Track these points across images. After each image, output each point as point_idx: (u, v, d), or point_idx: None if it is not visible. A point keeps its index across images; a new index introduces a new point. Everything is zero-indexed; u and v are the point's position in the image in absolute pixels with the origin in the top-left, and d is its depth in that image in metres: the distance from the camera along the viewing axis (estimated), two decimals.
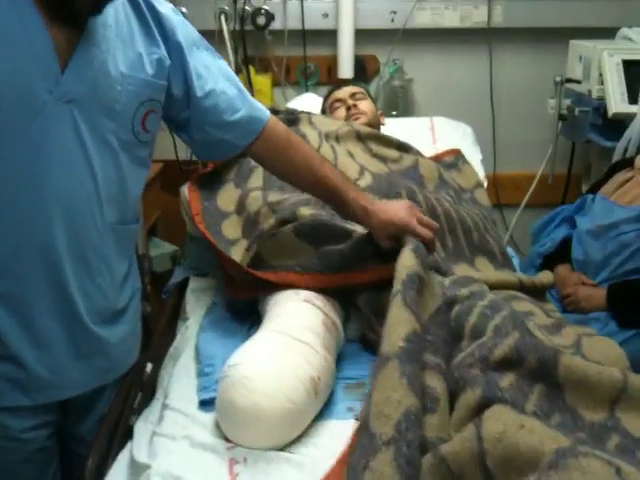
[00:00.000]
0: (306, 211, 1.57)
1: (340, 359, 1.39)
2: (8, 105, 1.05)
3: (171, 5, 1.29)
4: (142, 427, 1.25)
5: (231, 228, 1.76)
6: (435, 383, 1.15)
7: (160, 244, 2.57)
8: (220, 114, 1.33)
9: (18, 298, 1.16)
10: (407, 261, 1.27)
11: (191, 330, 1.55)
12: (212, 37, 2.57)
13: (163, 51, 1.23)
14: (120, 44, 1.17)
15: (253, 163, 1.89)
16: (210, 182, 1.91)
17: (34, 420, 1.26)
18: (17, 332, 1.18)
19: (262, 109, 1.41)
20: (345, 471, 1.03)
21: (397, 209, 1.40)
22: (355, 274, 1.44)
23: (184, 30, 1.28)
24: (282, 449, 1.14)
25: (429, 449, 1.04)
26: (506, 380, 1.13)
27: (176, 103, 1.29)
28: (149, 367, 1.46)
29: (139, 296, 1.42)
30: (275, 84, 2.72)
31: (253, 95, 2.56)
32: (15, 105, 1.05)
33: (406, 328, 1.14)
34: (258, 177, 1.84)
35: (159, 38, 1.23)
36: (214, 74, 1.32)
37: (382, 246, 1.41)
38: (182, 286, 1.82)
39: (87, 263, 1.21)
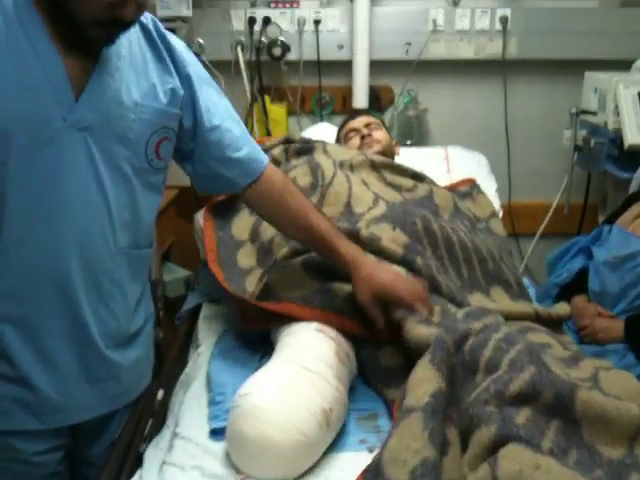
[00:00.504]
0: None
1: (353, 390, 1.37)
2: (22, 131, 1.07)
3: (183, 43, 1.32)
4: (152, 455, 1.24)
5: (245, 257, 1.76)
6: (447, 430, 1.14)
7: (174, 269, 2.57)
8: (223, 149, 1.34)
9: (29, 321, 1.17)
10: (424, 330, 1.28)
11: (203, 357, 1.54)
12: (228, 67, 2.61)
13: (176, 81, 1.26)
14: (134, 74, 1.19)
15: None
16: (224, 210, 1.91)
17: (46, 444, 1.26)
18: (28, 355, 1.18)
19: (262, 153, 1.43)
20: None
21: (386, 270, 1.43)
22: (351, 322, 1.43)
23: (194, 66, 1.30)
24: None
25: None
26: (522, 415, 1.11)
27: (184, 134, 1.31)
28: (160, 394, 1.44)
29: (152, 321, 1.43)
30: (290, 113, 2.74)
31: (268, 124, 2.66)
32: (29, 131, 1.07)
33: (432, 386, 1.14)
34: None
35: (172, 69, 1.26)
36: (221, 112, 1.34)
37: (358, 300, 1.39)
38: (194, 312, 1.82)
39: (100, 288, 1.22)
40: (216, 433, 1.25)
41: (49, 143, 1.09)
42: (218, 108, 1.34)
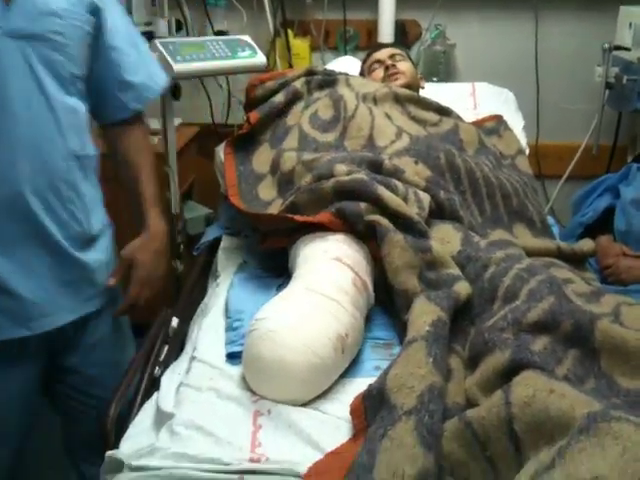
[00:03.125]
0: (342, 168, 1.53)
1: (369, 320, 1.37)
2: None
3: None
4: (169, 378, 1.25)
5: (266, 190, 1.75)
6: (450, 360, 1.14)
7: (195, 207, 2.57)
8: (120, 71, 1.39)
9: None
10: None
11: (221, 287, 1.55)
12: (251, 0, 2.55)
13: None
14: None
15: (289, 124, 1.87)
16: (245, 144, 1.89)
17: (12, 356, 1.30)
18: (2, 263, 1.23)
19: (159, 83, 1.48)
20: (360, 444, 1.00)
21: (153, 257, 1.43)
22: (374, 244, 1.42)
23: None
24: (307, 404, 1.13)
25: (446, 415, 1.02)
26: (539, 343, 1.10)
27: (90, 47, 1.34)
28: (175, 321, 1.45)
29: (111, 232, 1.46)
30: (314, 48, 2.69)
31: (291, 59, 2.60)
32: None
33: (432, 316, 1.15)
34: (293, 138, 1.81)
35: None
36: (122, 34, 1.38)
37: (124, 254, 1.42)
38: (213, 245, 1.82)
39: (57, 191, 1.26)
40: (233, 357, 1.26)
41: None
42: (119, 30, 1.37)
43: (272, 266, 1.58)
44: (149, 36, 1.78)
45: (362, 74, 2.18)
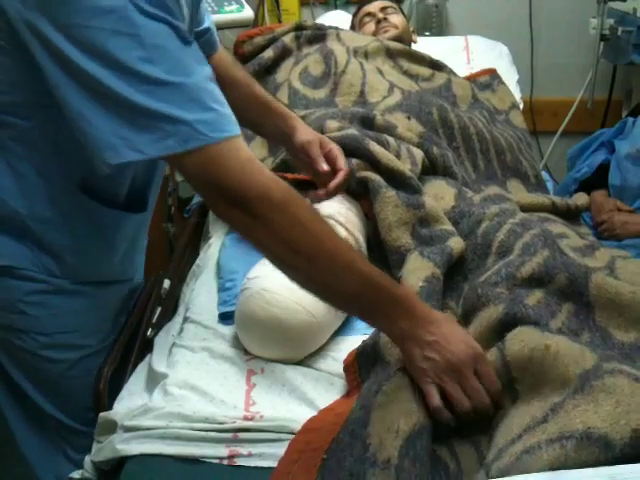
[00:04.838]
0: (333, 124, 1.51)
1: None
2: None
3: None
4: (162, 339, 1.24)
5: (257, 149, 1.72)
6: None
7: None
8: None
9: None
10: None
11: (213, 248, 1.53)
12: None
13: None
14: None
15: (278, 81, 1.84)
16: None
17: None
18: None
19: None
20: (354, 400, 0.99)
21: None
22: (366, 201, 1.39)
23: None
24: (300, 362, 1.13)
25: None
26: (533, 298, 1.09)
27: None
28: (167, 283, 1.44)
29: None
30: (303, 3, 2.63)
31: (280, 15, 2.54)
32: None
33: (425, 272, 1.15)
34: (283, 95, 1.78)
35: None
36: None
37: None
38: (204, 206, 1.79)
39: None
40: (225, 318, 1.25)
41: None
42: None
43: None
44: None
45: (353, 28, 2.14)
